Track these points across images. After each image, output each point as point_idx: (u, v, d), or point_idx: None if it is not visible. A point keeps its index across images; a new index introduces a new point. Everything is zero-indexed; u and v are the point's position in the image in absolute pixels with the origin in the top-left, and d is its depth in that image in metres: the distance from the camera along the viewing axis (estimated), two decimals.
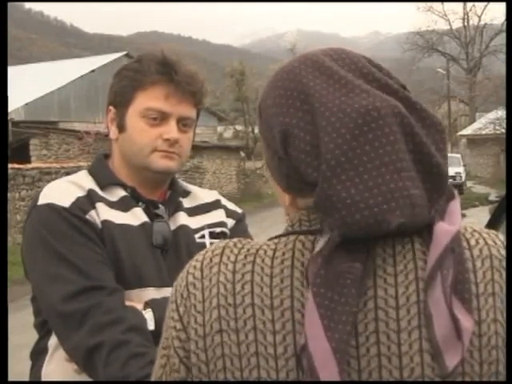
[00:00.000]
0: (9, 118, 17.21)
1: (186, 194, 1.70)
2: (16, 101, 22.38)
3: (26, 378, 1.60)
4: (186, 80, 1.55)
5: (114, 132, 1.61)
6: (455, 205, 0.88)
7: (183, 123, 1.58)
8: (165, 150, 1.56)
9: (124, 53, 31.38)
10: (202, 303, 0.87)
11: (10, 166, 12.29)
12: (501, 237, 0.89)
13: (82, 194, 1.52)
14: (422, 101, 0.88)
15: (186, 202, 1.67)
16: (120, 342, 1.36)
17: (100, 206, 1.51)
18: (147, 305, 1.47)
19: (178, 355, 0.88)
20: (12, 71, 21.96)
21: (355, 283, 0.80)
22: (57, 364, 1.49)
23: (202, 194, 1.74)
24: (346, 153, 0.81)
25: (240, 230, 1.70)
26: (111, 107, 1.62)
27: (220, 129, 37.63)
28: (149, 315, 1.45)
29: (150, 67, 1.55)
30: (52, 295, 1.43)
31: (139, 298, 1.48)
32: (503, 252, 0.87)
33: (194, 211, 1.66)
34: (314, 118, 0.85)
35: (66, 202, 1.48)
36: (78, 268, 1.43)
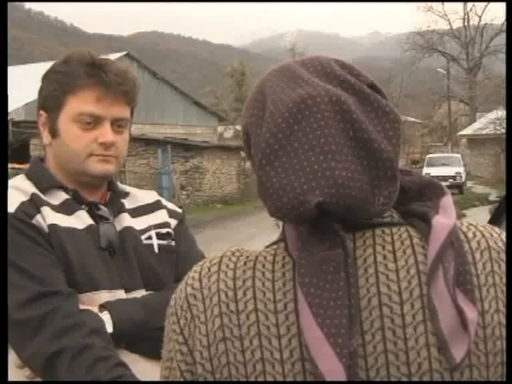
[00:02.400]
0: (9, 118, 17.21)
1: (126, 195, 1.66)
2: (16, 101, 22.35)
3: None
4: (116, 80, 1.51)
5: (46, 137, 1.57)
6: (448, 200, 0.89)
7: (118, 124, 1.55)
8: (101, 154, 1.52)
9: (124, 53, 31.32)
10: (203, 313, 0.86)
11: (10, 165, 12.29)
12: (496, 229, 0.90)
13: (25, 198, 1.48)
14: (378, 94, 0.89)
15: (127, 203, 1.64)
16: (83, 347, 1.34)
17: (45, 209, 1.48)
18: (103, 307, 1.44)
19: (179, 369, 0.88)
20: (12, 71, 21.95)
21: (339, 269, 0.80)
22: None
23: (141, 195, 1.71)
24: (279, 141, 0.84)
25: (183, 230, 1.68)
26: (42, 112, 1.57)
27: (220, 129, 37.62)
28: (106, 317, 1.42)
29: (79, 70, 1.51)
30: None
31: (92, 302, 1.45)
32: (500, 244, 0.88)
33: (136, 212, 1.63)
34: (264, 112, 0.88)
35: (10, 207, 1.44)
36: (30, 274, 1.39)
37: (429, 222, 0.85)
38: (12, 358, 1.41)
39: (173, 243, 1.63)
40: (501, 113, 28.64)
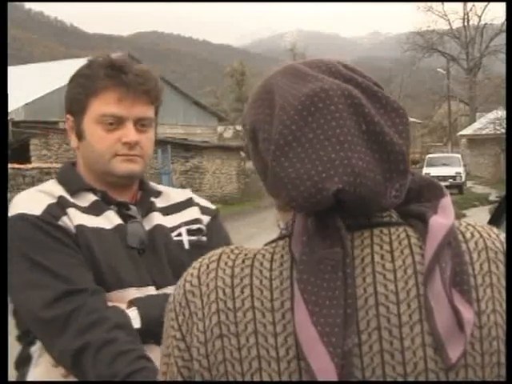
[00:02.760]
0: (9, 118, 17.21)
1: (158, 194, 1.69)
2: (16, 101, 22.37)
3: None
4: (137, 80, 1.54)
5: (74, 141, 1.61)
6: (447, 201, 0.89)
7: (141, 124, 1.57)
8: (125, 154, 1.55)
9: (124, 53, 31.31)
10: (201, 310, 0.87)
11: (10, 165, 12.29)
12: (495, 230, 0.91)
13: (52, 201, 1.51)
14: (383, 92, 0.90)
15: (159, 202, 1.67)
16: (106, 341, 1.36)
17: (71, 211, 1.51)
18: (131, 303, 1.47)
19: (176, 365, 0.88)
20: (12, 71, 21.95)
21: (337, 268, 0.80)
22: (42, 370, 1.48)
23: (174, 194, 1.73)
24: (293, 132, 0.84)
25: (216, 225, 1.71)
26: (68, 116, 1.61)
27: (220, 129, 37.62)
28: (134, 313, 1.44)
29: (100, 72, 1.54)
30: (33, 303, 1.42)
31: (120, 299, 1.47)
32: (498, 244, 0.88)
33: (167, 210, 1.66)
34: (273, 109, 0.88)
35: (37, 210, 1.48)
36: (56, 273, 1.42)
37: (426, 222, 0.85)
38: (48, 357, 1.45)
39: (203, 239, 1.65)
40: (501, 113, 28.63)
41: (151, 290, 1.51)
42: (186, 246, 1.61)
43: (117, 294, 1.47)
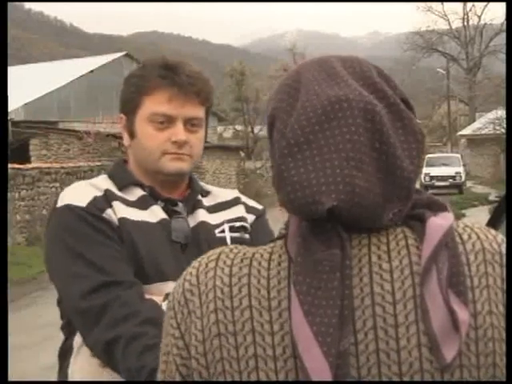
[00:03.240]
0: (9, 118, 17.19)
1: (206, 193, 1.73)
2: (16, 101, 22.35)
3: (26, 378, 1.61)
4: (188, 81, 1.57)
5: (126, 139, 1.66)
6: (449, 214, 0.89)
7: (191, 123, 1.61)
8: (174, 153, 1.59)
9: (124, 53, 31.32)
10: (199, 308, 0.87)
11: (10, 166, 12.28)
12: (492, 231, 0.91)
13: (98, 193, 1.56)
14: (412, 113, 0.90)
15: (206, 201, 1.71)
16: (135, 335, 1.39)
17: (116, 204, 1.55)
18: (167, 296, 1.48)
19: (175, 363, 0.89)
20: (12, 71, 21.95)
21: (335, 269, 0.81)
22: (82, 360, 1.52)
23: (222, 193, 1.77)
24: (306, 134, 0.85)
25: (260, 224, 1.73)
26: (122, 115, 1.66)
27: (220, 129, 37.59)
28: None
29: (153, 72, 1.59)
30: (71, 293, 1.47)
31: (160, 291, 1.50)
32: (495, 246, 0.88)
33: (213, 209, 1.70)
34: (295, 100, 0.88)
35: (82, 201, 1.53)
36: (95, 265, 1.46)
37: (424, 223, 0.85)
38: (87, 348, 1.49)
39: (246, 236, 1.68)
40: (500, 113, 28.61)
41: None
42: (229, 242, 1.64)
43: (156, 287, 1.51)
